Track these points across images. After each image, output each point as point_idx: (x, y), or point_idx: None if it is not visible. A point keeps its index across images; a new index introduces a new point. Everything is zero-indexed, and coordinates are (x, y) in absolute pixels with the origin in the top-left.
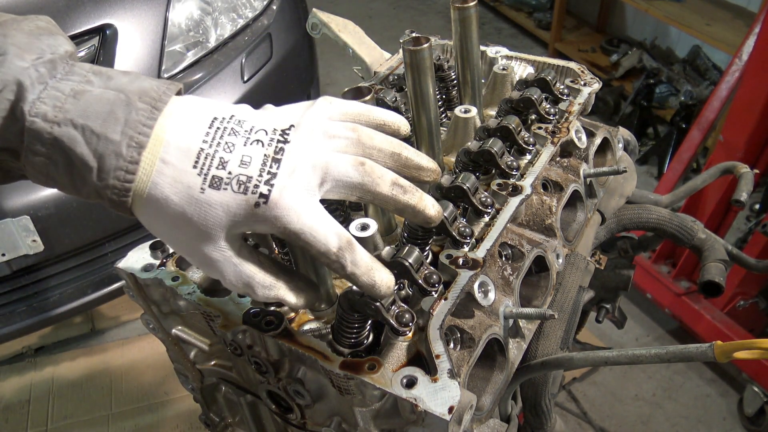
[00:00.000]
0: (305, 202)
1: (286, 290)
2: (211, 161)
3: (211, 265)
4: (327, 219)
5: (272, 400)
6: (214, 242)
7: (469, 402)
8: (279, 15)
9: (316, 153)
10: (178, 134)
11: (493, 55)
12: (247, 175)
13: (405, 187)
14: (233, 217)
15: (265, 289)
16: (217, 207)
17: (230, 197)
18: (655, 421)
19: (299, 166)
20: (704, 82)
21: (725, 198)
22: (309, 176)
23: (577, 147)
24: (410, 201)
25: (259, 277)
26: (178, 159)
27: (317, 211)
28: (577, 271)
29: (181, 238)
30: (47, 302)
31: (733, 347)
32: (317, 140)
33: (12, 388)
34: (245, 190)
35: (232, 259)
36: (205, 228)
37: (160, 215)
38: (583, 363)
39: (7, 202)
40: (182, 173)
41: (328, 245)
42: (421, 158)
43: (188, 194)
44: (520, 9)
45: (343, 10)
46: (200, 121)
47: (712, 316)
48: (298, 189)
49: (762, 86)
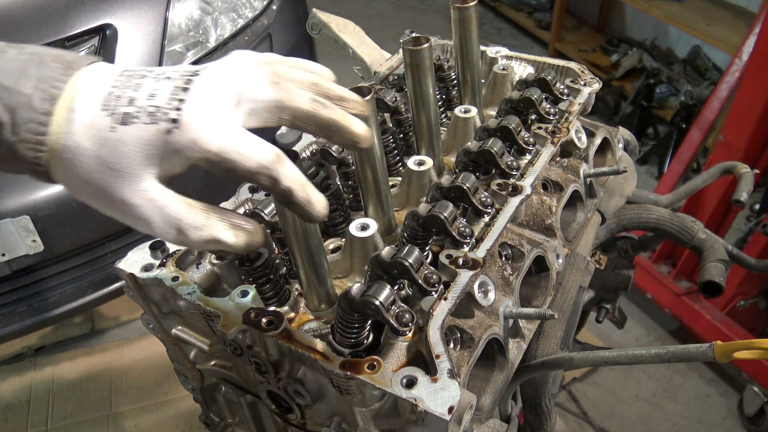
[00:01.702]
0: (221, 120)
1: (221, 228)
2: (119, 101)
3: (135, 213)
4: (250, 135)
5: (272, 400)
6: (134, 184)
7: (469, 402)
8: (279, 15)
9: (229, 77)
10: (89, 84)
11: (493, 55)
12: (156, 105)
13: (326, 103)
14: (147, 150)
15: (196, 230)
16: (129, 143)
17: (141, 129)
18: (655, 421)
19: (211, 89)
20: (704, 82)
21: (725, 198)
22: (222, 97)
23: (577, 147)
24: (332, 116)
25: (189, 218)
26: (88, 104)
27: (237, 129)
28: (577, 271)
29: (100, 188)
30: (47, 302)
31: (733, 347)
32: (230, 71)
33: (12, 388)
34: (155, 120)
35: (155, 201)
36: (121, 168)
37: (76, 166)
38: (583, 363)
39: (7, 202)
40: (93, 117)
41: (258, 159)
42: (342, 90)
43: (100, 136)
44: (520, 9)
45: (343, 10)
46: (111, 72)
47: (712, 316)
48: (211, 109)
49: (762, 86)
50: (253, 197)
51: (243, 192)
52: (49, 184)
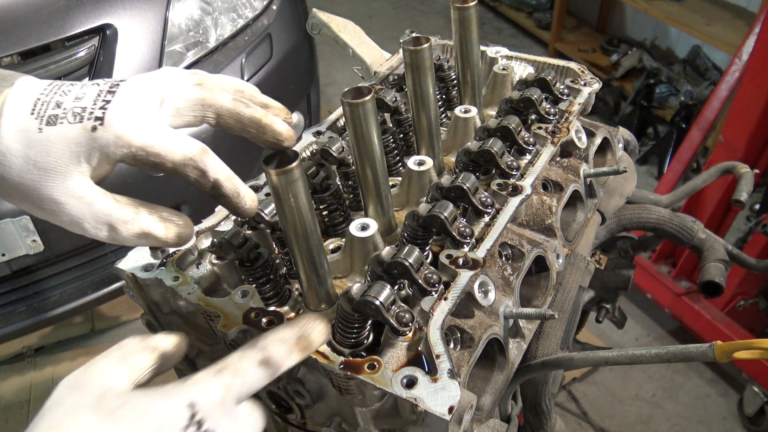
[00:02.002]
0: (145, 118)
1: (151, 221)
2: (47, 105)
3: (65, 212)
4: (174, 132)
5: (272, 400)
6: (63, 182)
7: (469, 402)
8: (279, 15)
9: (154, 82)
10: (18, 94)
11: (493, 55)
12: (82, 107)
13: (248, 102)
14: (73, 148)
15: (126, 224)
16: (55, 141)
17: (67, 128)
18: (655, 421)
19: (135, 91)
20: (704, 82)
21: (725, 198)
22: (146, 97)
23: (577, 147)
24: (255, 114)
25: (118, 213)
26: (17, 110)
27: (161, 126)
28: (577, 271)
29: (30, 189)
30: (47, 302)
31: (733, 347)
32: (155, 77)
33: (12, 388)
34: (80, 119)
35: (84, 199)
36: (49, 166)
37: (6, 169)
38: (583, 363)
39: (7, 202)
40: (21, 121)
41: (184, 152)
42: (266, 97)
43: (27, 137)
44: (520, 9)
45: (343, 10)
46: (41, 83)
47: (712, 316)
48: (135, 107)
49: (762, 86)
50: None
51: None
52: None
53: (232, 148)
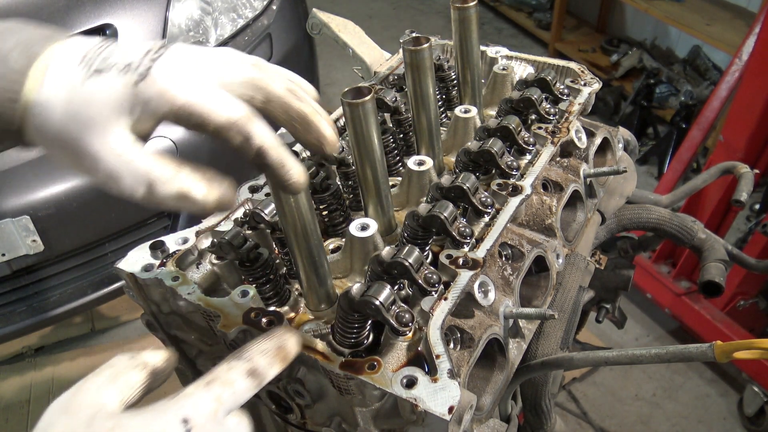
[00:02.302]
0: (192, 77)
1: (192, 181)
2: (95, 58)
3: (103, 167)
4: (221, 92)
5: (272, 400)
6: (103, 136)
7: (469, 402)
8: (279, 15)
9: (209, 51)
10: (68, 47)
11: (493, 55)
12: (129, 61)
13: (301, 96)
14: (115, 100)
15: (165, 183)
16: (98, 93)
17: (111, 80)
18: (655, 421)
19: (186, 53)
20: (704, 82)
21: (725, 198)
22: (196, 60)
23: (577, 147)
24: (304, 109)
25: (159, 170)
26: (64, 62)
27: (208, 86)
28: (577, 271)
29: (69, 142)
30: (47, 302)
31: (733, 347)
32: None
33: (12, 388)
34: (126, 72)
35: (124, 155)
36: (90, 118)
37: (47, 121)
38: (583, 363)
39: (7, 202)
40: (67, 72)
41: (229, 114)
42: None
43: (71, 88)
44: (520, 9)
45: (343, 10)
46: (92, 40)
47: (712, 316)
48: (182, 67)
49: (762, 86)
50: (252, 197)
51: (243, 192)
52: (49, 185)
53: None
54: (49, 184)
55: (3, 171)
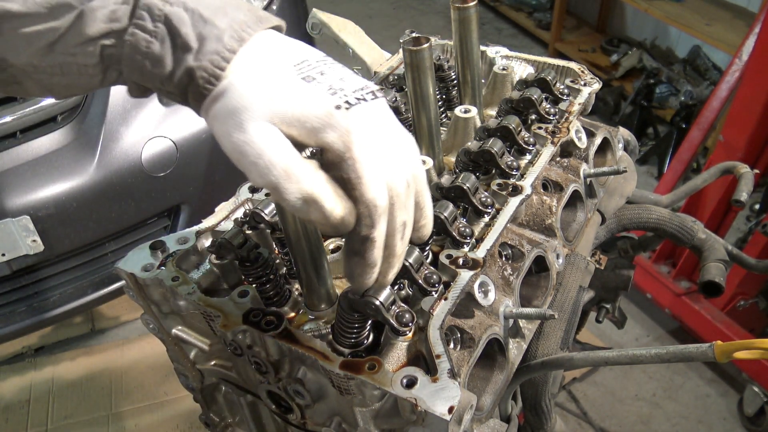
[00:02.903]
0: (377, 141)
1: (326, 189)
2: (313, 68)
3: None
4: (383, 174)
5: (272, 400)
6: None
7: (469, 402)
8: (279, 15)
9: (402, 133)
10: (286, 46)
11: (493, 55)
12: (341, 86)
13: (405, 238)
14: (308, 109)
15: (301, 181)
16: (297, 94)
17: (318, 90)
18: (655, 421)
19: (387, 113)
20: (704, 82)
21: (725, 198)
22: (385, 126)
23: (577, 147)
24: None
25: (300, 166)
26: (280, 56)
27: (380, 159)
28: (577, 271)
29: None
30: (47, 302)
31: (733, 347)
32: (403, 131)
33: (12, 388)
34: (333, 93)
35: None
36: (275, 105)
37: (232, 90)
38: (583, 363)
39: (7, 202)
40: (280, 66)
41: (378, 195)
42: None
43: (274, 78)
44: (520, 9)
45: (343, 10)
46: (310, 49)
47: (712, 316)
48: (379, 127)
49: (762, 86)
50: (253, 197)
51: (243, 192)
52: (49, 185)
53: None
54: (49, 184)
55: (3, 171)
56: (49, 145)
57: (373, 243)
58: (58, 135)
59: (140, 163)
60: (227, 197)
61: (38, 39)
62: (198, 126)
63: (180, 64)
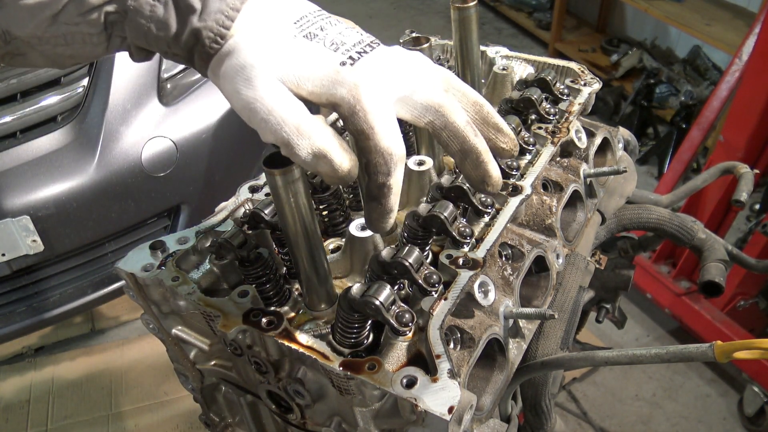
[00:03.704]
0: (385, 89)
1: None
2: (312, 24)
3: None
4: (397, 127)
5: (272, 400)
6: (276, 80)
7: (469, 402)
8: None
9: (408, 63)
10: (289, 3)
11: (493, 55)
12: (342, 41)
13: (477, 132)
14: (316, 68)
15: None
16: (304, 51)
17: (320, 47)
18: (655, 421)
19: (390, 61)
20: (704, 82)
21: (725, 198)
22: (396, 72)
23: (577, 147)
24: (478, 146)
25: (310, 121)
26: (281, 14)
27: (391, 108)
28: (577, 271)
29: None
30: (47, 302)
31: (733, 347)
32: (411, 59)
33: (12, 388)
34: (336, 49)
35: (284, 100)
36: (282, 64)
37: (239, 51)
38: (583, 363)
39: (7, 202)
40: (281, 23)
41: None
42: (502, 121)
43: (280, 37)
44: (520, 9)
45: (343, 10)
46: (307, 4)
47: (712, 316)
48: (384, 74)
49: (762, 86)
50: (253, 197)
51: (243, 192)
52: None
53: (232, 147)
54: (49, 184)
55: (3, 171)
56: (49, 145)
57: (390, 189)
58: (58, 135)
59: (140, 163)
60: (227, 197)
61: (41, 10)
62: (198, 126)
63: (185, 26)
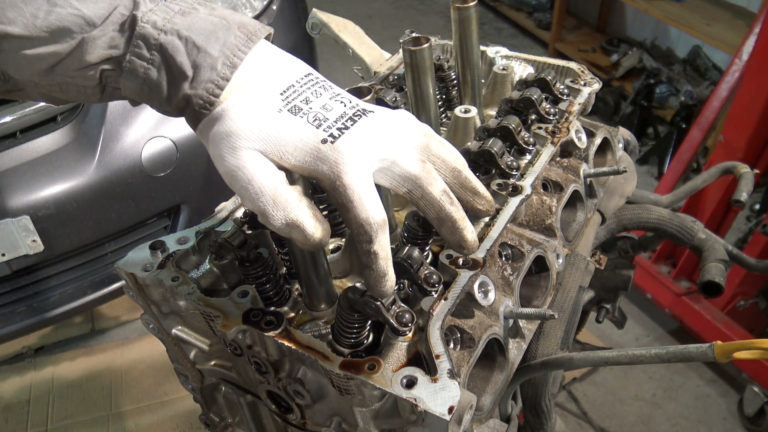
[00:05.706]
0: (364, 164)
1: (307, 215)
2: (298, 96)
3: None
4: (376, 195)
5: (272, 400)
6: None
7: (469, 402)
8: (279, 15)
9: (388, 135)
10: (279, 71)
11: (493, 55)
12: (325, 116)
13: (453, 200)
14: (298, 145)
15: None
16: (286, 127)
17: (304, 124)
18: (655, 421)
19: (370, 134)
20: (704, 82)
21: (725, 198)
22: (375, 146)
23: (577, 147)
24: (454, 214)
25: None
26: (268, 84)
27: (371, 180)
28: (577, 271)
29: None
30: (47, 302)
31: (733, 347)
32: (391, 128)
33: (12, 388)
34: (318, 125)
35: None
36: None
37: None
38: (583, 363)
39: (7, 202)
40: (268, 95)
41: (371, 214)
42: (479, 184)
43: (265, 111)
44: (520, 9)
45: (343, 10)
46: (295, 68)
47: (712, 316)
48: (363, 149)
49: (762, 86)
50: None
51: None
52: (49, 185)
53: None
54: (49, 184)
55: (3, 171)
56: (49, 145)
57: (377, 255)
58: (58, 135)
59: (140, 163)
60: (227, 197)
61: (39, 61)
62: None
63: (177, 91)
